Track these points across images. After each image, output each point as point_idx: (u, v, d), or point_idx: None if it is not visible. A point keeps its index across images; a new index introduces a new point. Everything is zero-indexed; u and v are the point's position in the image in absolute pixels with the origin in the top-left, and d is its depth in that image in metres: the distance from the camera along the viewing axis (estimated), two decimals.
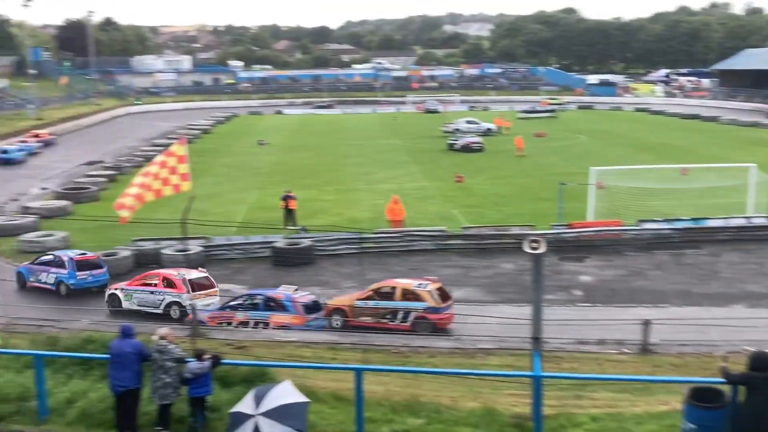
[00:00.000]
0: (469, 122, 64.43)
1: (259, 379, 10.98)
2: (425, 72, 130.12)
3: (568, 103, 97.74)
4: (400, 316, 18.49)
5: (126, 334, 10.26)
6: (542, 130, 63.63)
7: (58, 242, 27.19)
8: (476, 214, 32.21)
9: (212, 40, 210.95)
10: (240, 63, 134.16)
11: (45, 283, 22.59)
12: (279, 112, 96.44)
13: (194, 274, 20.86)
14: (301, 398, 9.01)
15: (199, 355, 10.21)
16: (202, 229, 25.11)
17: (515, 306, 19.61)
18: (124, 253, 24.87)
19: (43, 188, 41.71)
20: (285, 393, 8.91)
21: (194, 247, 25.01)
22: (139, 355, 10.05)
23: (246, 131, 71.87)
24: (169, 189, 18.35)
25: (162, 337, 10.14)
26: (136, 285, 20.91)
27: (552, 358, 13.77)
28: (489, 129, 63.35)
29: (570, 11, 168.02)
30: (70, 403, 10.60)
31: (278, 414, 8.53)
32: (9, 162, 50.88)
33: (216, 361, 10.22)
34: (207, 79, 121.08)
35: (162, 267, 23.37)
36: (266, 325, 18.30)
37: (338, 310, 18.94)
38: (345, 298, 19.46)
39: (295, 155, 53.69)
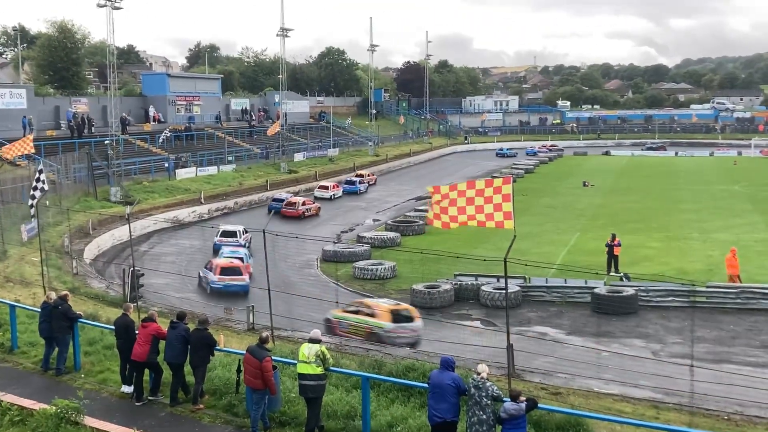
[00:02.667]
0: None
1: (574, 429, 10.67)
2: None
3: None
4: None
5: (446, 366, 10.60)
6: None
7: (386, 271, 29.20)
8: None
9: (541, 81, 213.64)
10: (567, 103, 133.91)
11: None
12: (606, 153, 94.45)
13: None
14: None
15: (515, 396, 10.22)
16: (521, 269, 25.27)
17: None
18: (446, 286, 25.87)
19: (376, 220, 45.11)
20: None
21: (512, 286, 25.25)
22: (457, 388, 10.31)
23: (570, 171, 71.34)
24: (492, 224, 18.70)
25: (480, 374, 10.32)
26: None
27: None
28: None
29: None
30: (391, 427, 11.18)
31: None
32: (354, 192, 57.60)
33: (532, 404, 10.15)
34: (533, 119, 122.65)
35: (479, 302, 23.86)
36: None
37: None
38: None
39: (621, 198, 52.03)
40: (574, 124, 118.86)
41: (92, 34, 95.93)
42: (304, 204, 46.28)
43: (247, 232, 34.62)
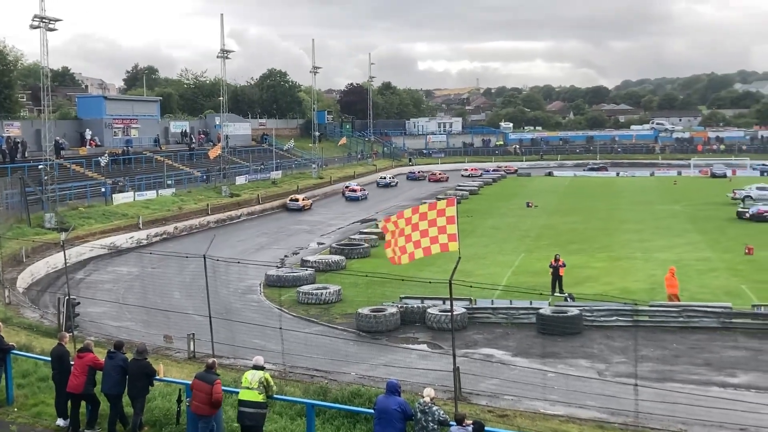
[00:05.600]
0: (761, 188, 59.43)
1: None
2: (711, 134, 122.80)
3: None
4: None
5: (392, 390, 10.62)
6: None
7: (331, 295, 29.13)
8: None
9: (484, 102, 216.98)
10: (510, 124, 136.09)
11: None
12: (549, 174, 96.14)
13: None
14: None
15: (460, 420, 10.28)
16: (467, 291, 25.48)
17: None
18: (391, 309, 25.91)
19: (320, 243, 45.03)
20: None
21: (458, 308, 25.42)
22: (403, 413, 10.33)
23: (514, 192, 72.38)
24: (437, 247, 18.86)
25: (426, 398, 10.37)
26: None
27: None
28: None
29: None
30: None
31: None
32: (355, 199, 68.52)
33: (478, 427, 10.21)
34: (476, 141, 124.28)
35: (426, 325, 23.93)
36: None
37: None
38: None
39: (565, 218, 52.96)
40: (517, 146, 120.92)
41: (25, 56, 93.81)
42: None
43: None
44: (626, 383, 17.07)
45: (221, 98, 71.98)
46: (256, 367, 11.62)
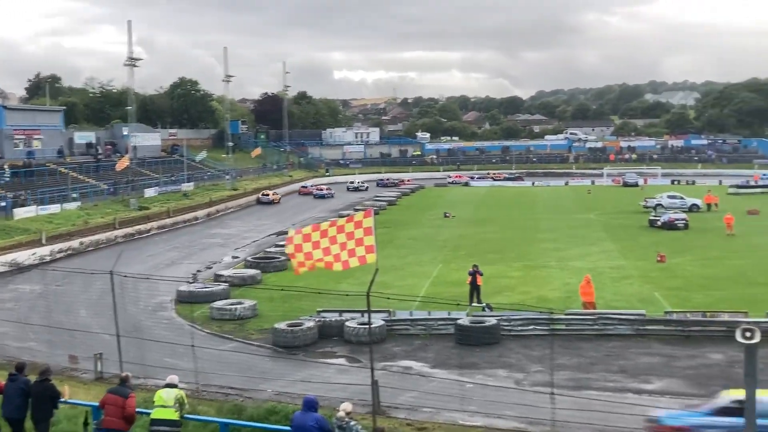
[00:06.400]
0: (672, 197, 61.90)
1: None
2: (623, 143, 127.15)
3: None
4: None
5: (309, 406, 10.57)
6: (756, 207, 59.78)
7: (246, 311, 28.81)
8: (680, 297, 30.54)
9: (401, 112, 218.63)
10: (427, 134, 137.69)
11: None
12: (466, 184, 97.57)
13: None
14: None
15: None
16: (385, 303, 25.59)
17: None
18: (309, 323, 25.80)
19: (235, 257, 44.49)
20: None
21: (376, 321, 25.50)
22: (321, 429, 10.30)
23: (432, 203, 73.16)
24: (355, 261, 18.89)
25: (344, 413, 10.37)
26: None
27: None
28: (694, 205, 60.50)
29: None
30: None
31: None
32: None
33: None
34: (394, 151, 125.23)
35: (344, 339, 23.95)
36: None
37: None
38: None
39: (482, 228, 53.83)
40: (434, 156, 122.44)
41: None
42: None
43: None
44: (544, 392, 17.46)
45: (129, 108, 70.40)
46: (170, 386, 11.40)
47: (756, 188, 77.93)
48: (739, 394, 12.20)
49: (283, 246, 43.80)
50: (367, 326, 25.08)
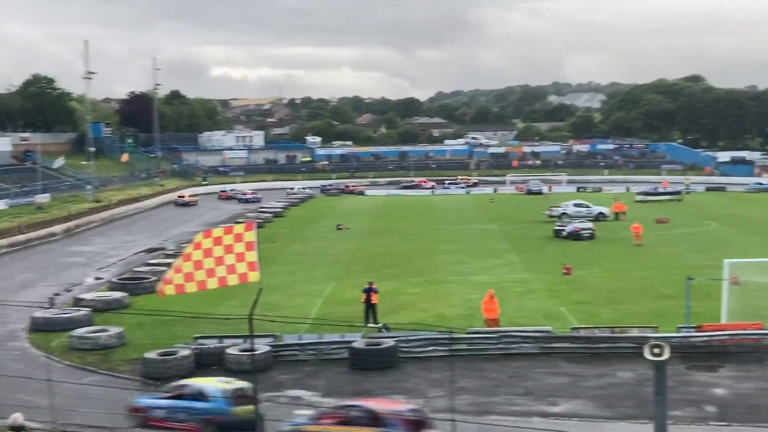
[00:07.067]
0: (577, 205, 63.97)
1: None
2: (527, 148, 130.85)
3: (692, 183, 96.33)
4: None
5: None
6: (665, 215, 62.50)
7: (112, 338, 27.96)
8: (587, 312, 31.53)
9: (288, 114, 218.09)
10: (317, 139, 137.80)
11: None
12: (360, 193, 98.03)
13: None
14: None
15: None
16: (271, 326, 25.35)
17: (634, 423, 19.06)
18: (184, 352, 25.26)
19: (98, 278, 43.18)
20: None
21: (261, 347, 25.23)
22: None
23: (323, 214, 73.13)
24: (234, 278, 18.62)
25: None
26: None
27: None
28: (601, 213, 62.69)
29: (695, 79, 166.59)
30: None
31: None
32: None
33: None
34: (281, 157, 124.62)
35: (224, 368, 23.56)
36: None
37: None
38: None
39: (378, 241, 54.15)
40: (326, 162, 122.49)
41: None
42: None
43: None
44: (443, 419, 17.63)
45: None
46: (14, 428, 10.93)
47: (664, 195, 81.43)
48: (189, 381, 20.67)
49: (153, 265, 42.92)
50: (250, 353, 24.78)
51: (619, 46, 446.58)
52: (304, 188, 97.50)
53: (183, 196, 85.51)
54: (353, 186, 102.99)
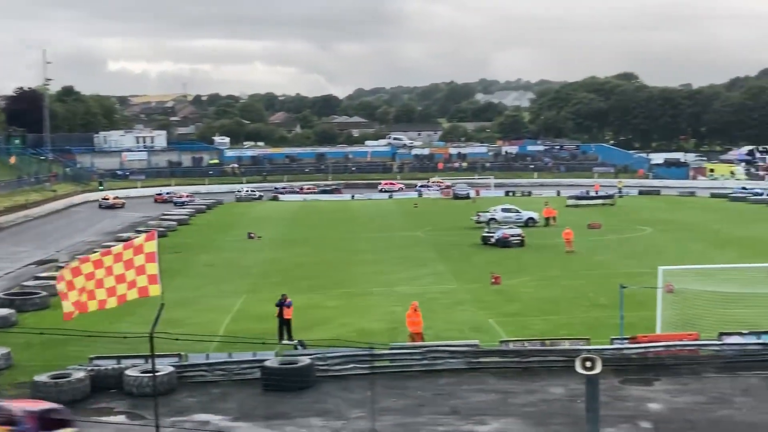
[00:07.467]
0: (506, 210, 64.78)
1: None
2: (453, 150, 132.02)
3: (626, 186, 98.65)
4: None
5: None
6: (597, 220, 63.79)
7: None
8: (517, 324, 31.96)
9: (193, 112, 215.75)
10: (226, 139, 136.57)
11: None
12: (275, 198, 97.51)
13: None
14: None
15: None
16: (175, 345, 24.97)
17: None
18: (79, 374, 24.71)
19: None
20: None
21: (164, 367, 24.85)
22: None
23: (233, 221, 72.54)
24: (134, 292, 18.32)
25: None
26: None
27: None
28: (531, 219, 63.68)
29: (628, 77, 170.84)
30: None
31: None
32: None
33: None
34: (186, 159, 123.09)
35: (124, 391, 23.13)
36: None
37: None
38: None
39: (294, 251, 53.93)
40: (236, 165, 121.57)
41: None
42: None
43: None
44: None
45: None
46: None
47: (597, 199, 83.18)
48: None
49: (44, 279, 41.87)
50: (151, 375, 24.38)
51: (549, 41, 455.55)
52: (252, 191, 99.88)
53: (107, 198, 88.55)
54: (308, 189, 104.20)
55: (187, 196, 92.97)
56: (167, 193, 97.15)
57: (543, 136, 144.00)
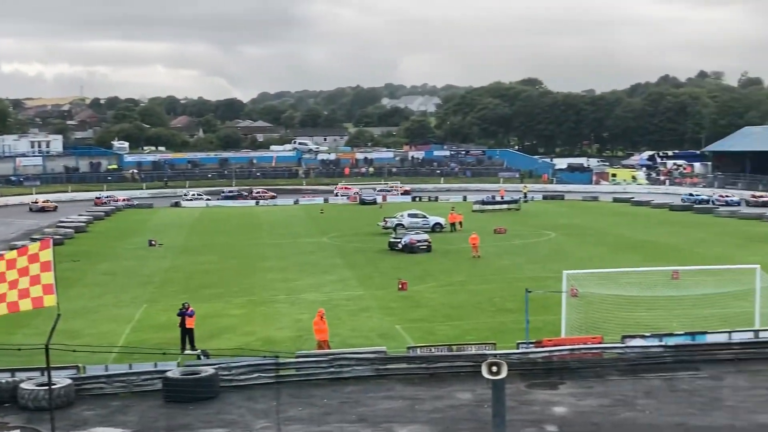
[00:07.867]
0: (413, 216, 65.25)
1: None
2: (359, 155, 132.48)
3: (530, 191, 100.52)
4: None
5: None
6: (503, 225, 64.79)
7: None
8: (424, 330, 32.18)
9: (91, 116, 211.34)
10: (125, 144, 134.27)
11: None
12: (176, 205, 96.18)
13: None
14: None
15: None
16: (72, 356, 24.44)
17: None
18: None
19: None
20: None
21: (61, 380, 24.26)
22: None
23: (133, 229, 71.30)
24: (27, 303, 17.85)
25: None
26: None
27: None
28: (438, 224, 64.26)
29: (533, 82, 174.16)
30: None
31: None
32: None
33: None
34: (83, 164, 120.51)
35: (19, 405, 22.54)
36: None
37: None
38: None
39: (196, 258, 53.32)
40: (135, 170, 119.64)
41: None
42: None
43: None
44: None
45: None
46: None
47: (502, 204, 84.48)
48: None
49: None
50: (47, 388, 23.79)
51: (454, 46, 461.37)
52: (199, 195, 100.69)
53: (37, 202, 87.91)
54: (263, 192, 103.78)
55: (124, 200, 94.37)
56: (107, 197, 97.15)
57: (449, 141, 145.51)
